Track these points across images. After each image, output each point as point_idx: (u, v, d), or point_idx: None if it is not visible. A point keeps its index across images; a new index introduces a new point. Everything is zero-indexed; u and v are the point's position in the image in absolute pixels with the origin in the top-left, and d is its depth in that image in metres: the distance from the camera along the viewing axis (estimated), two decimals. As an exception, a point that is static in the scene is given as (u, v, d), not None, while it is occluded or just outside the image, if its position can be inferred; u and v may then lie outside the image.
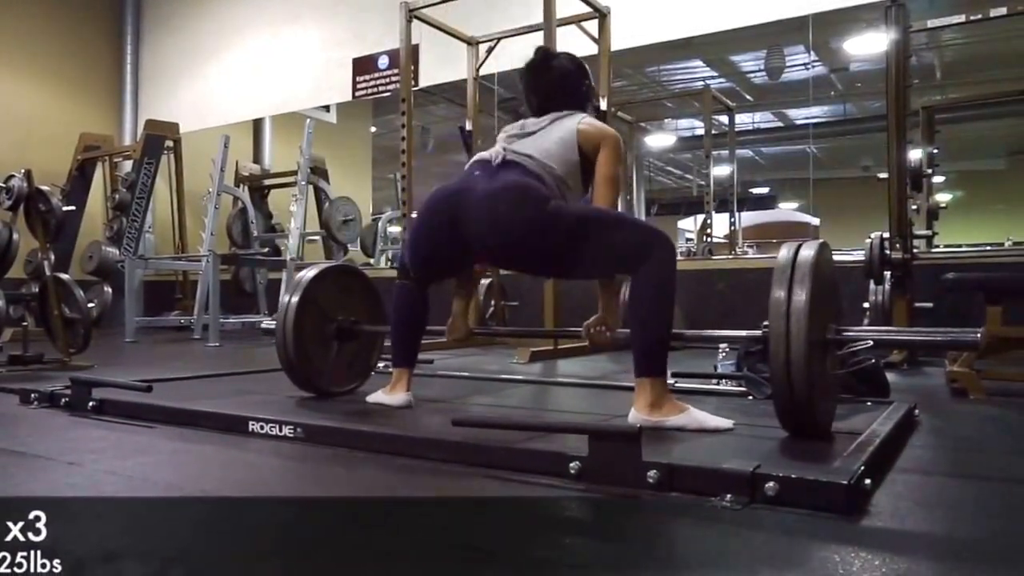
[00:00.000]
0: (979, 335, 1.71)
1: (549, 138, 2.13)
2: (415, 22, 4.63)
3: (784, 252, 1.78)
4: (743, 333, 2.13)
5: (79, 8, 8.58)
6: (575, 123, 2.14)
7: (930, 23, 4.24)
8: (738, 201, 8.39)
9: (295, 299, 2.54)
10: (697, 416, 1.91)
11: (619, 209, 2.20)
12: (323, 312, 2.60)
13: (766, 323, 1.81)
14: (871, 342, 1.85)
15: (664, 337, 1.98)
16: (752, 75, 11.02)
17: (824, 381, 1.77)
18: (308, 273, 2.63)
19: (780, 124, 13.20)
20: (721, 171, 8.62)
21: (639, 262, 1.97)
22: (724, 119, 8.17)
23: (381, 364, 3.45)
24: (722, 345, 3.36)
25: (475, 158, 2.21)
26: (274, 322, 2.67)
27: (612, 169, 2.10)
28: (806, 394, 1.68)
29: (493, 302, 5.99)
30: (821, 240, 1.82)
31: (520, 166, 2.07)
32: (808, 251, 1.76)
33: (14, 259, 3.98)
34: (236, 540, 1.14)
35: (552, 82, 2.26)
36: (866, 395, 2.39)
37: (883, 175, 4.02)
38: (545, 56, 2.31)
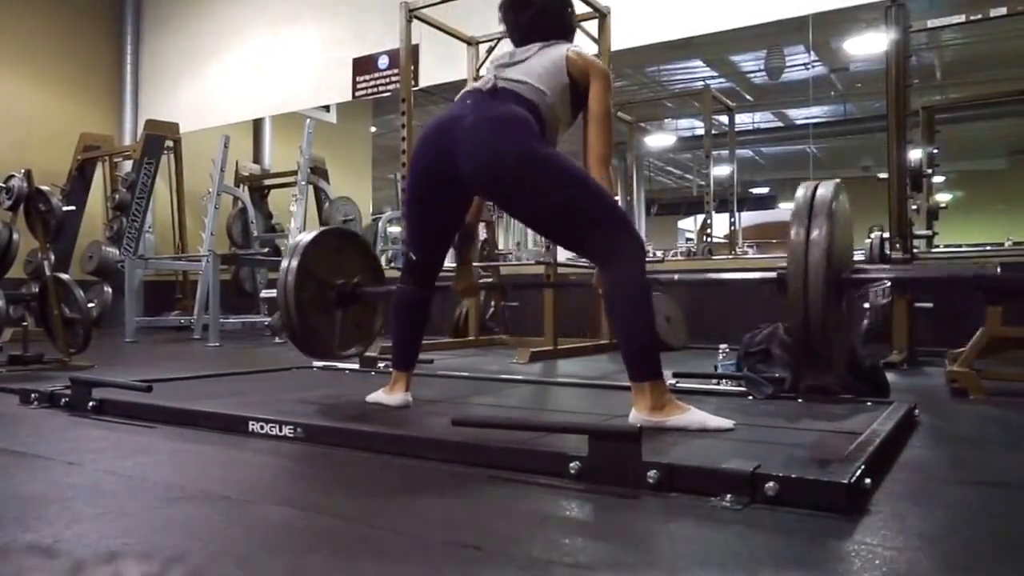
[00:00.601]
0: (999, 269, 1.70)
1: (538, 62, 2.12)
2: (415, 22, 4.63)
3: (801, 192, 1.77)
4: (758, 275, 2.12)
5: (79, 8, 8.59)
6: (563, 50, 2.14)
7: (930, 23, 4.24)
8: (738, 201, 8.39)
9: (294, 263, 2.52)
10: (698, 416, 1.91)
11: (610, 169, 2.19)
12: (322, 276, 2.59)
13: (782, 265, 1.78)
14: (887, 281, 1.84)
15: (650, 338, 1.98)
16: (752, 75, 11.03)
17: (839, 319, 1.75)
18: (304, 237, 2.62)
19: (780, 124, 13.21)
20: (721, 171, 8.62)
21: (608, 257, 1.97)
22: (724, 119, 8.16)
23: (381, 364, 3.45)
24: (722, 346, 3.37)
25: (466, 89, 2.19)
26: (273, 291, 2.67)
27: (604, 105, 2.10)
28: (823, 335, 1.65)
29: (493, 303, 5.99)
30: (837, 180, 1.81)
31: (513, 94, 2.05)
32: (825, 191, 1.74)
33: (14, 259, 3.98)
34: (236, 540, 1.14)
35: (535, 15, 2.24)
36: (866, 395, 2.39)
37: (883, 175, 4.02)
38: None
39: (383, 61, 7.02)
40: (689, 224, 13.61)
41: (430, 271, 2.33)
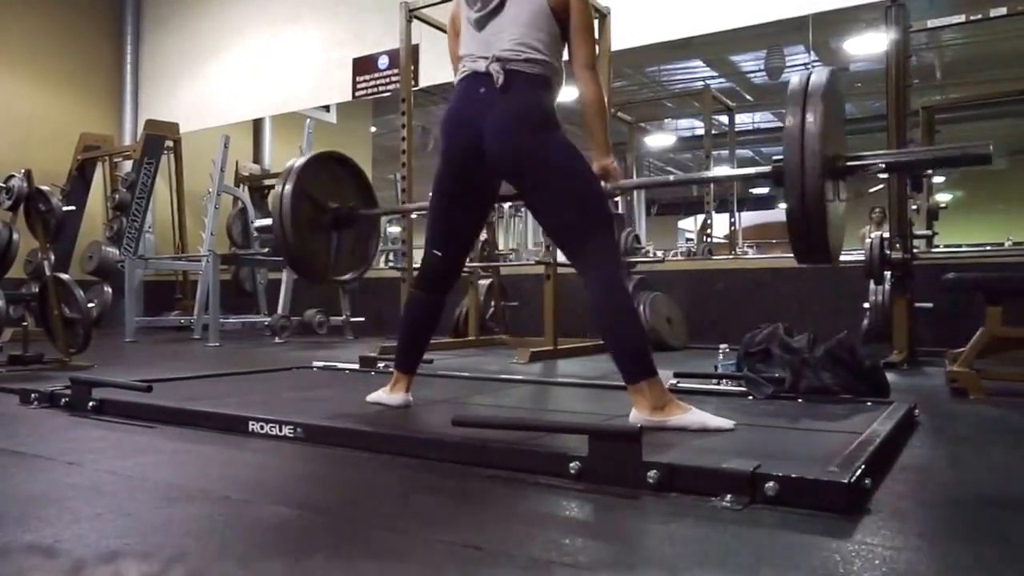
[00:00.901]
0: (989, 147, 1.69)
1: (526, 15, 2.08)
2: (415, 22, 4.63)
3: (795, 80, 1.75)
4: (754, 170, 2.11)
5: (79, 8, 8.58)
6: None
7: (930, 23, 4.25)
8: (738, 201, 8.39)
9: (288, 187, 2.50)
10: (698, 416, 1.91)
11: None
12: (318, 200, 2.57)
13: (777, 157, 1.77)
14: (883, 164, 1.83)
15: (639, 340, 1.99)
16: (752, 75, 11.03)
17: (836, 208, 1.74)
18: (298, 161, 2.60)
19: (780, 124, 13.20)
20: (723, 169, 8.62)
21: (585, 257, 2.00)
22: (724, 119, 8.17)
23: (381, 364, 3.46)
24: (722, 346, 3.37)
25: (469, 72, 2.13)
26: (268, 221, 2.65)
27: (584, 18, 2.10)
28: (820, 221, 1.65)
29: (493, 302, 5.99)
30: (831, 67, 1.80)
31: (522, 77, 2.05)
32: (819, 77, 1.73)
33: (14, 259, 3.98)
34: (236, 540, 1.14)
35: None
36: (866, 395, 2.39)
37: (883, 175, 4.02)
38: None
39: (383, 61, 7.02)
40: (689, 224, 13.62)
41: (448, 275, 2.33)
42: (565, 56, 2.17)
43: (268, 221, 2.60)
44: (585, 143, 2.18)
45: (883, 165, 1.82)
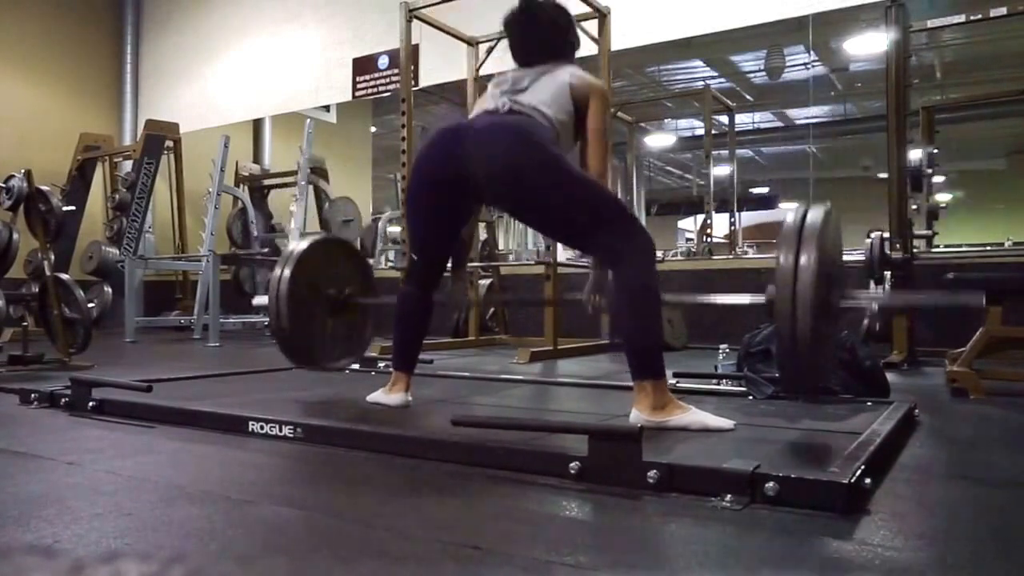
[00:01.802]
0: (983, 300, 1.69)
1: (546, 92, 2.12)
2: (415, 22, 4.63)
3: (791, 216, 1.76)
4: (747, 298, 2.12)
5: (79, 8, 8.58)
6: (566, 78, 2.14)
7: (930, 23, 4.25)
8: (738, 201, 8.39)
9: (287, 272, 2.52)
10: (699, 416, 1.91)
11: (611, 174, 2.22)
12: (315, 285, 2.58)
13: (771, 286, 1.78)
14: (876, 306, 1.83)
15: (655, 338, 1.98)
16: (752, 75, 11.03)
17: (828, 347, 1.74)
18: (299, 245, 2.61)
19: (780, 124, 13.21)
20: (721, 171, 8.62)
21: (618, 258, 1.98)
22: (724, 119, 8.16)
23: (381, 364, 3.45)
24: (722, 346, 3.37)
25: (480, 108, 2.18)
26: (265, 298, 2.66)
27: (601, 122, 2.14)
28: (812, 360, 1.65)
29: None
30: (828, 204, 1.80)
31: (525, 114, 2.08)
32: (815, 215, 1.74)
33: (14, 259, 3.98)
34: (236, 540, 1.14)
35: (539, 34, 2.25)
36: (866, 395, 2.39)
37: (883, 175, 4.02)
38: (529, 6, 2.27)
39: (383, 61, 7.02)
40: (689, 224, 13.61)
41: (433, 274, 2.34)
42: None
43: (265, 300, 2.61)
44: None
45: (876, 307, 1.83)
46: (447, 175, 2.11)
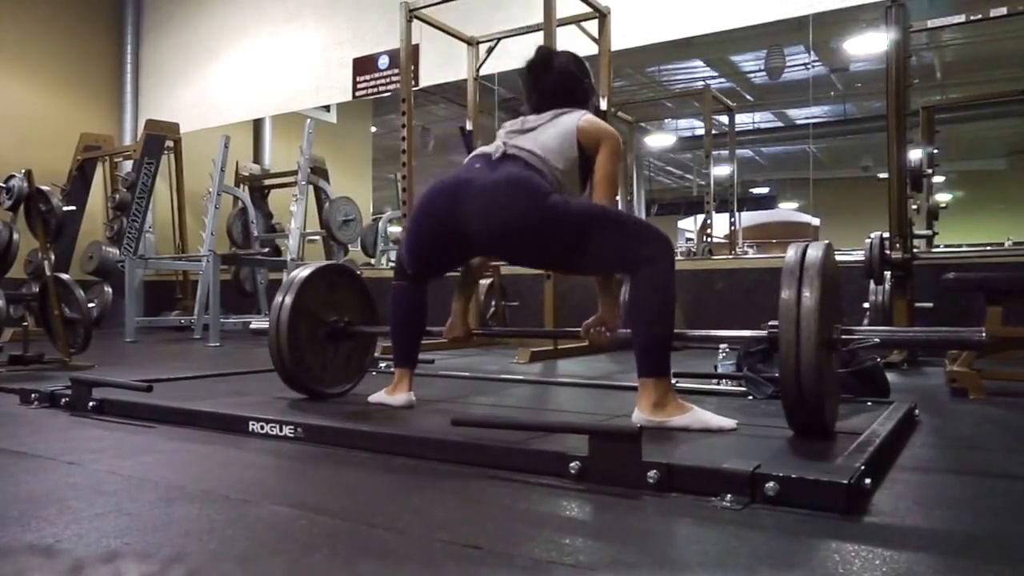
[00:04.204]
0: (983, 333, 1.71)
1: (549, 134, 2.12)
2: (415, 22, 4.63)
3: (791, 253, 1.79)
4: (748, 333, 2.14)
5: (79, 8, 8.59)
6: (575, 120, 2.12)
7: (930, 23, 4.25)
8: (738, 201, 8.39)
9: (288, 300, 2.53)
10: (701, 416, 1.91)
11: (619, 208, 2.20)
12: (316, 313, 2.60)
13: (771, 323, 1.80)
14: (876, 339, 1.86)
15: (665, 338, 1.97)
16: (752, 75, 11.02)
17: (830, 380, 1.77)
18: (300, 273, 2.62)
19: (780, 124, 13.20)
20: (721, 171, 8.62)
21: (637, 263, 1.97)
22: (724, 119, 8.16)
23: (383, 364, 3.45)
24: (722, 345, 3.37)
25: (475, 152, 2.20)
26: (264, 322, 2.66)
27: (612, 169, 2.10)
28: (816, 395, 1.69)
29: (493, 302, 5.99)
30: (826, 241, 1.83)
31: (521, 160, 2.06)
32: (815, 252, 1.77)
33: (14, 259, 3.98)
34: (236, 540, 1.14)
35: (552, 81, 2.25)
36: (866, 395, 2.39)
37: (883, 175, 4.02)
38: (545, 55, 2.30)
39: (383, 61, 7.03)
40: (689, 224, 13.60)
41: (424, 282, 2.35)
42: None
43: (265, 325, 2.62)
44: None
45: (877, 340, 1.87)
46: (448, 230, 2.10)
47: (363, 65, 7.19)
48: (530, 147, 2.09)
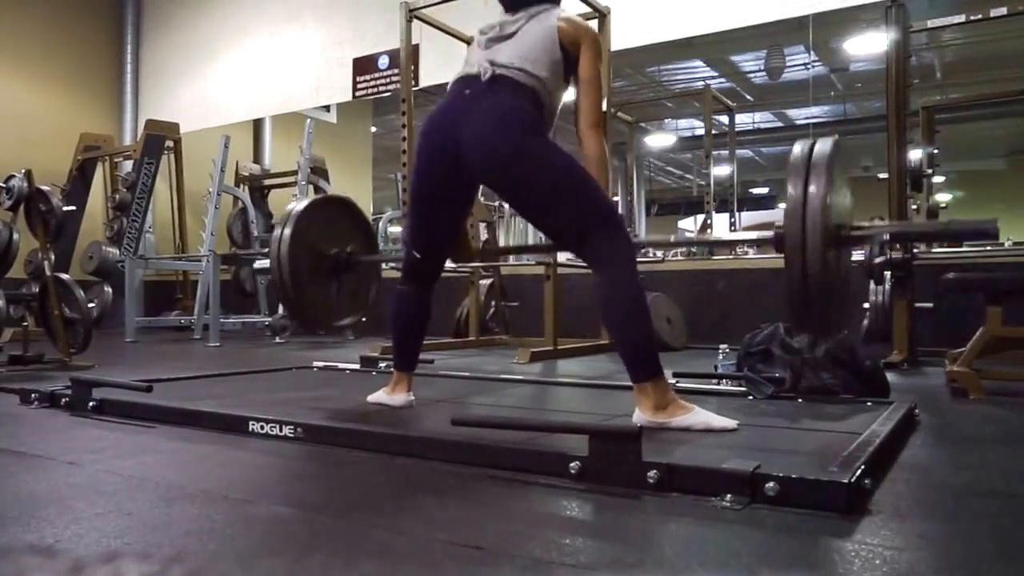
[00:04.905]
0: (996, 223, 1.69)
1: (530, 40, 2.09)
2: (415, 22, 4.63)
3: (798, 148, 1.74)
4: (754, 235, 2.11)
5: (79, 8, 8.58)
6: (553, 21, 2.11)
7: (930, 23, 4.24)
8: (738, 201, 8.38)
9: (286, 232, 2.51)
10: (702, 416, 1.91)
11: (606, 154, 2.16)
12: (316, 245, 2.57)
13: (779, 223, 1.75)
14: (887, 236, 1.82)
15: (646, 339, 1.97)
16: (752, 75, 11.03)
17: (838, 280, 1.73)
18: (297, 205, 2.60)
19: (780, 124, 13.21)
20: (721, 171, 8.61)
21: (599, 259, 1.97)
22: (724, 119, 8.16)
23: (382, 364, 3.45)
24: (722, 346, 3.37)
25: (462, 75, 2.14)
26: (267, 262, 2.65)
27: (594, 69, 2.10)
28: (822, 293, 1.64)
29: (494, 302, 5.99)
30: (835, 136, 1.79)
31: (511, 82, 2.04)
32: (823, 146, 1.73)
33: (14, 259, 3.98)
34: (236, 540, 1.14)
35: None
36: (866, 395, 2.39)
37: (883, 175, 4.02)
38: None
39: (383, 61, 7.02)
40: (689, 224, 13.61)
41: (431, 272, 2.33)
42: (566, 98, 2.16)
43: (267, 263, 2.61)
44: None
45: (887, 237, 1.81)
46: (444, 159, 2.09)
47: (363, 65, 7.19)
48: (517, 63, 2.06)
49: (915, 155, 4.23)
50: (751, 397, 2.45)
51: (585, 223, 1.99)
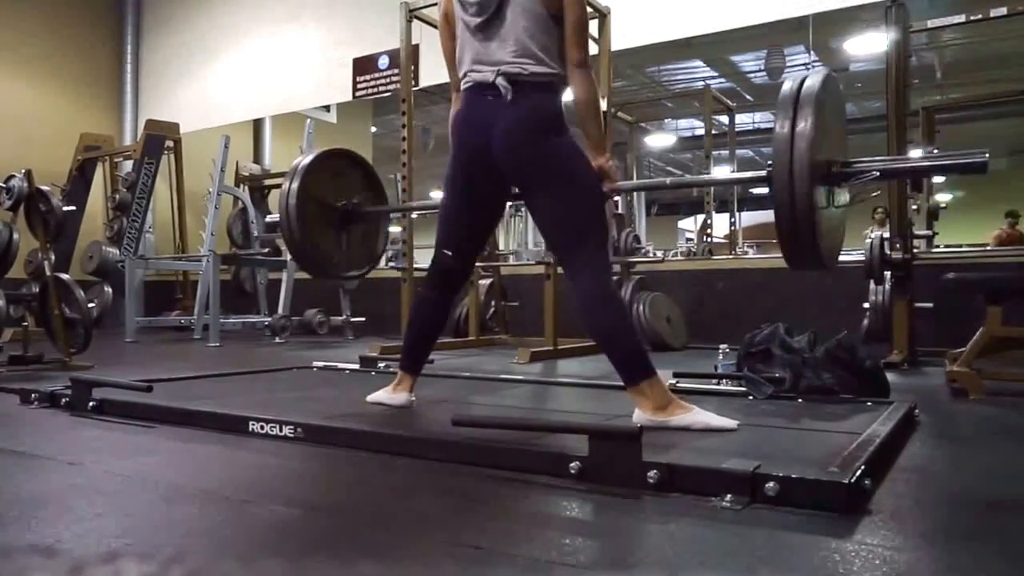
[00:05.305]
0: (985, 155, 1.67)
1: (523, 21, 2.05)
2: (415, 22, 4.63)
3: (789, 83, 1.72)
4: (748, 175, 2.09)
5: (79, 8, 8.58)
6: None
7: (930, 23, 4.25)
8: (738, 201, 8.38)
9: (294, 185, 2.53)
10: (702, 416, 1.91)
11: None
12: (323, 197, 2.59)
13: (768, 162, 1.73)
14: (876, 172, 1.81)
15: (631, 343, 1.99)
16: (752, 75, 11.03)
17: (829, 214, 1.72)
18: (303, 159, 2.62)
19: (780, 124, 13.19)
20: (721, 171, 8.62)
21: (577, 266, 2.01)
22: (724, 119, 8.16)
23: (382, 364, 3.46)
24: (722, 346, 3.37)
25: (474, 83, 2.11)
26: (278, 216, 2.67)
27: (577, 12, 2.07)
28: (809, 228, 1.63)
29: (494, 302, 5.99)
30: (827, 70, 1.76)
31: (526, 84, 2.04)
32: (813, 80, 1.70)
33: (14, 259, 3.98)
34: (236, 540, 1.14)
35: None
36: (866, 395, 2.39)
37: (883, 175, 4.02)
38: None
39: (383, 61, 7.02)
40: (689, 224, 13.61)
41: (459, 274, 2.33)
42: None
43: (277, 217, 2.63)
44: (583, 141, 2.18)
45: (877, 173, 1.80)
46: (478, 158, 2.12)
47: (363, 65, 7.19)
48: (519, 48, 2.04)
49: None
50: (751, 397, 2.45)
51: (579, 232, 2.02)
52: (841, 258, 2.09)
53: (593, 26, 4.68)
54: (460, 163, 2.19)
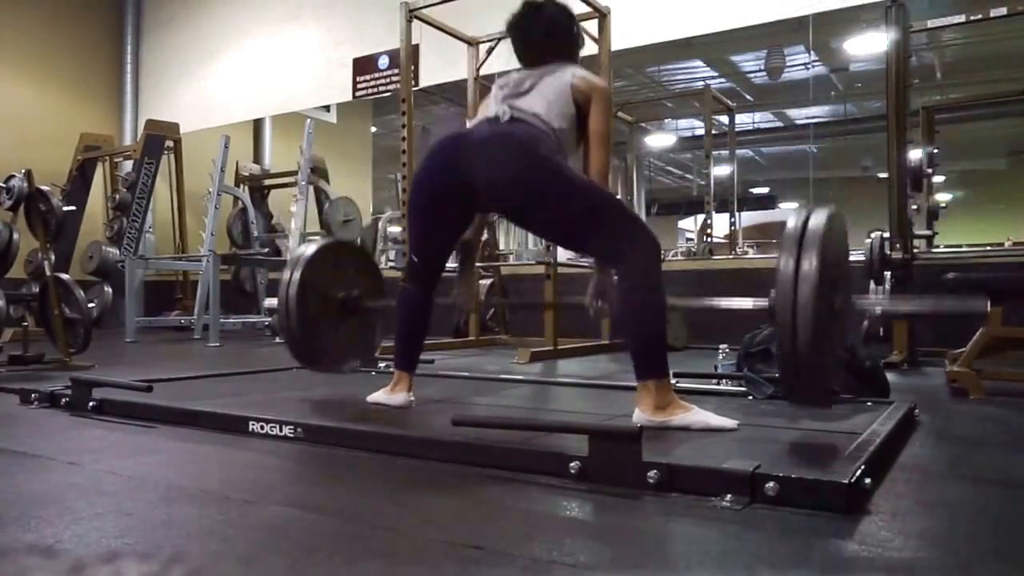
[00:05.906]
0: (987, 305, 1.69)
1: (546, 93, 2.13)
2: (415, 22, 4.63)
3: (792, 220, 1.75)
4: (749, 302, 2.12)
5: (79, 8, 8.58)
6: (568, 78, 2.15)
7: (930, 23, 4.24)
8: (738, 201, 8.38)
9: (295, 275, 2.54)
10: (702, 416, 1.91)
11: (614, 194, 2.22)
12: (323, 288, 2.61)
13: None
14: (879, 310, 1.82)
15: (658, 338, 1.98)
16: (752, 75, 11.02)
17: (831, 353, 1.73)
18: (307, 249, 2.63)
19: (780, 124, 13.21)
20: (721, 171, 8.62)
21: (620, 260, 1.99)
22: (724, 119, 8.16)
23: (382, 364, 3.45)
24: (722, 346, 3.37)
25: (482, 116, 2.18)
26: (275, 300, 2.69)
27: (604, 124, 2.13)
28: (812, 365, 1.65)
29: (494, 302, 5.99)
30: (832, 208, 1.78)
31: (526, 123, 2.08)
32: (818, 220, 1.73)
33: (14, 259, 3.98)
34: (236, 540, 1.14)
35: (542, 35, 2.25)
36: (866, 395, 2.39)
37: (883, 175, 4.02)
38: (530, 7, 2.27)
39: (383, 61, 7.02)
40: (689, 224, 13.61)
41: (432, 275, 2.35)
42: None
43: (275, 302, 2.65)
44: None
45: (879, 311, 1.82)
46: (447, 187, 2.14)
47: (363, 65, 7.19)
48: (534, 110, 2.10)
49: (915, 155, 4.23)
50: (751, 397, 2.45)
51: (603, 226, 2.01)
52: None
53: (593, 26, 4.68)
54: (427, 178, 2.18)
